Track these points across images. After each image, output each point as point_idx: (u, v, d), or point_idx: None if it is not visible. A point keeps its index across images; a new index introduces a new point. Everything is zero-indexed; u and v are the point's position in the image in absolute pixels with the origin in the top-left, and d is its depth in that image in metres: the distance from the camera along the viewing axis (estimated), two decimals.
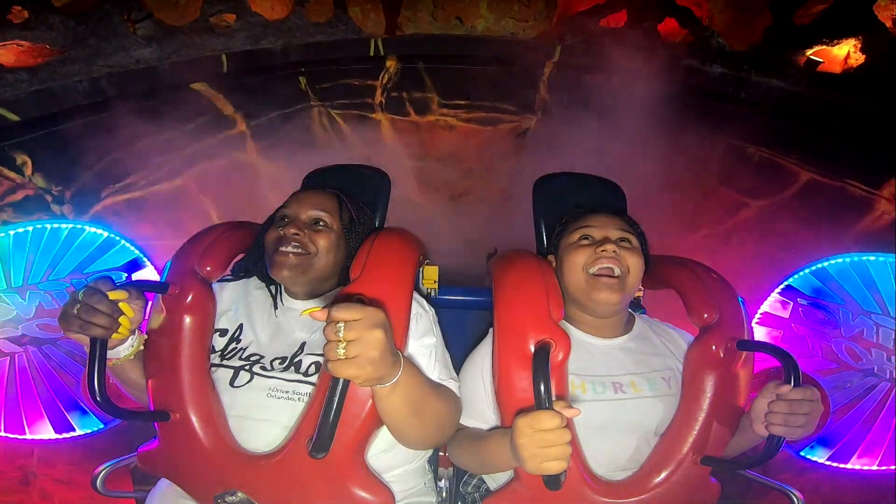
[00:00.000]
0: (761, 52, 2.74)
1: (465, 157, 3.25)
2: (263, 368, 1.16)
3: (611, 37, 3.05)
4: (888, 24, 2.42)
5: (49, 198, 2.41)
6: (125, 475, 1.32)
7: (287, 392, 1.13)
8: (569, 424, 0.91)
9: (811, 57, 2.64)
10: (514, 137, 3.30)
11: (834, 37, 2.55)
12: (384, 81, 3.24)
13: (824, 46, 2.60)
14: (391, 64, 3.23)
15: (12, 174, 2.32)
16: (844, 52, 2.58)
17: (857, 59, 2.53)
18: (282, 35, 2.91)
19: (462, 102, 3.27)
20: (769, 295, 1.93)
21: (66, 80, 2.39)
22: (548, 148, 3.05)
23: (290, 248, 1.20)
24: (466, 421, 1.22)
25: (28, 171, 2.36)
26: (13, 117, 2.28)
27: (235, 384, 1.15)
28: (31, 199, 2.36)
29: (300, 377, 1.14)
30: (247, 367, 1.17)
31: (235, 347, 1.21)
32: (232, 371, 1.16)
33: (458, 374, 1.23)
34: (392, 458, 1.18)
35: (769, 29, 2.72)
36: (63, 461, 1.98)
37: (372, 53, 3.16)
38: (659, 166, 2.79)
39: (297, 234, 1.21)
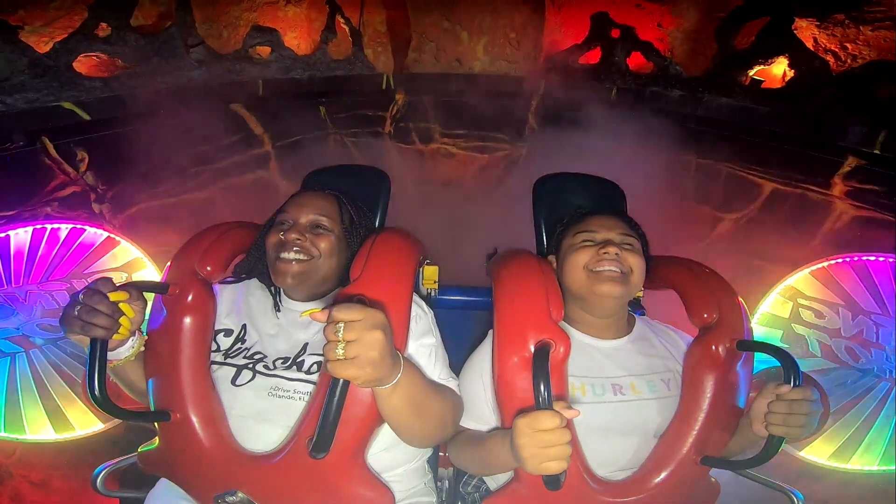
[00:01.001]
0: (712, 75, 2.73)
1: (464, 182, 3.18)
2: (266, 367, 1.00)
3: (588, 71, 3.03)
4: (808, 42, 2.41)
5: (93, 196, 2.29)
6: (126, 475, 1.12)
7: (288, 391, 0.96)
8: (568, 425, 0.78)
9: (754, 77, 2.62)
10: (507, 163, 3.23)
11: (769, 57, 2.54)
12: (393, 113, 3.20)
13: (763, 66, 2.58)
14: (400, 97, 3.19)
15: (69, 168, 2.22)
16: (781, 70, 2.56)
17: (790, 74, 2.52)
18: (308, 68, 2.91)
19: (461, 132, 3.21)
20: (768, 295, 1.74)
21: (131, 91, 2.36)
22: (537, 172, 2.93)
23: (291, 255, 1.03)
24: (466, 422, 1.04)
25: (83, 167, 2.26)
26: (86, 116, 2.20)
27: (237, 383, 0.98)
28: (76, 196, 2.24)
29: (302, 375, 0.98)
30: (250, 366, 1.00)
31: (240, 347, 1.04)
32: (235, 369, 1.00)
33: (458, 375, 1.06)
34: (393, 457, 1.02)
35: (716, 55, 2.73)
36: (44, 464, 1.78)
37: (384, 87, 3.10)
38: (638, 187, 2.67)
39: (298, 240, 1.03)
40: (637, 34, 2.92)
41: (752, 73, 2.59)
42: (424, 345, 0.98)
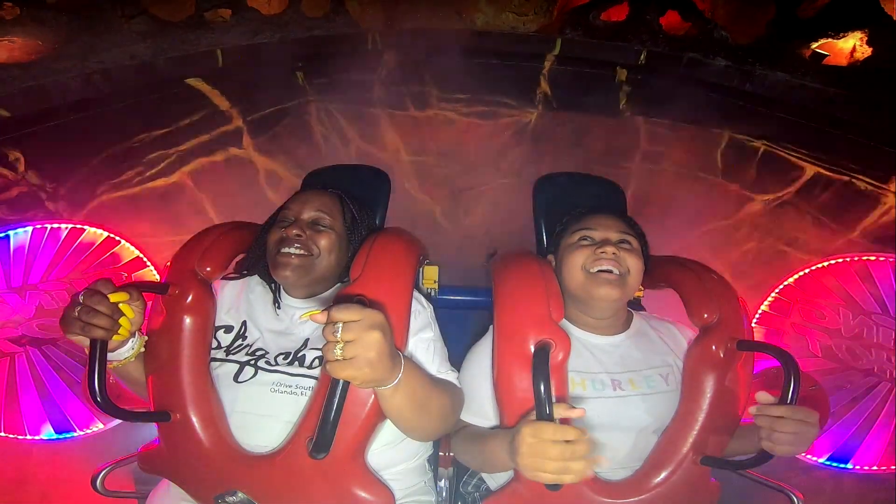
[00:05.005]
0: (766, 46, 2.75)
1: (464, 152, 3.24)
2: (268, 363, 1.18)
3: (612, 30, 3.07)
4: (895, 16, 2.43)
5: (44, 195, 2.42)
6: (126, 475, 1.33)
7: (291, 387, 1.14)
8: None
9: (816, 50, 2.65)
10: (514, 131, 3.29)
11: (839, 30, 2.57)
12: (382, 76, 3.24)
13: (829, 39, 2.61)
14: (389, 58, 3.22)
15: (5, 171, 2.33)
16: (850, 45, 2.60)
17: (864, 51, 2.55)
18: (278, 30, 2.93)
19: (461, 97, 3.25)
20: (768, 295, 1.94)
21: (58, 77, 2.40)
22: (548, 141, 3.06)
23: (292, 250, 1.22)
24: (467, 417, 1.23)
25: (21, 167, 2.37)
26: (4, 113, 2.29)
27: (239, 379, 1.16)
28: (25, 197, 2.37)
29: (304, 371, 1.15)
30: (251, 363, 1.18)
31: (241, 343, 1.22)
32: (237, 366, 1.18)
33: (458, 372, 1.24)
34: (394, 454, 1.20)
35: (773, 22, 2.73)
36: (61, 461, 1.99)
37: (370, 48, 3.16)
38: (662, 160, 2.82)
39: (299, 235, 1.23)
40: None
41: (814, 45, 2.61)
42: (423, 339, 1.17)
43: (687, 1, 2.92)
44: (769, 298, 1.94)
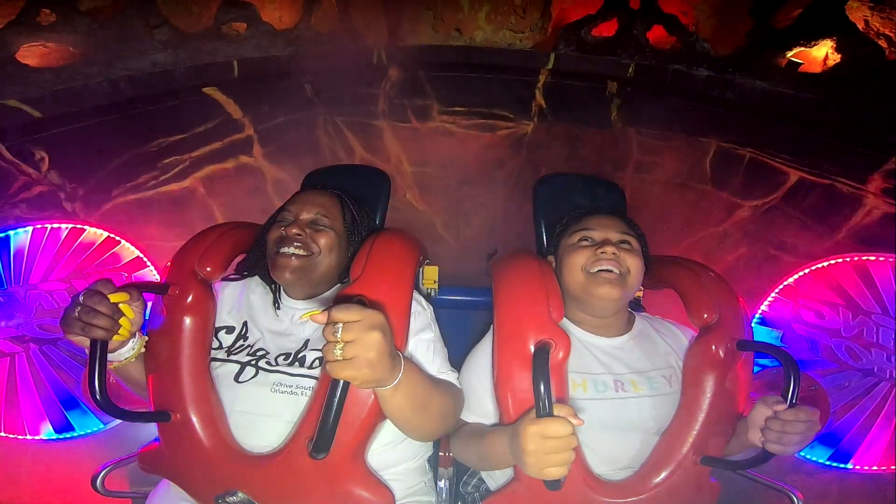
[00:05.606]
0: (744, 56, 2.79)
1: (464, 162, 3.24)
2: (268, 363, 1.13)
3: (602, 45, 3.11)
4: (859, 24, 2.46)
5: (62, 195, 2.43)
6: (125, 476, 1.26)
7: (291, 387, 1.09)
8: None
9: (792, 59, 2.69)
10: (511, 143, 3.32)
11: (811, 39, 2.60)
12: (386, 89, 3.26)
13: (803, 48, 2.64)
14: (393, 73, 3.25)
15: (30, 169, 2.34)
16: (823, 53, 2.63)
17: (835, 58, 2.58)
18: (289, 44, 2.97)
19: (461, 109, 3.28)
20: (768, 295, 1.89)
21: (86, 81, 2.42)
22: (544, 152, 3.06)
23: (291, 249, 1.16)
24: (468, 416, 1.18)
25: (45, 167, 2.38)
26: (36, 114, 2.29)
27: (240, 379, 1.11)
28: (44, 196, 2.38)
29: (304, 371, 1.11)
30: (252, 363, 1.13)
31: (242, 344, 1.17)
32: (238, 366, 1.13)
33: (458, 373, 1.18)
34: (395, 454, 1.15)
35: (750, 33, 2.78)
36: (56, 461, 1.95)
37: (375, 62, 3.16)
38: (654, 170, 2.80)
39: (299, 234, 1.18)
40: (659, 5, 2.96)
41: (790, 54, 2.64)
42: (423, 340, 1.11)
43: (671, 16, 2.97)
44: (769, 298, 1.89)
